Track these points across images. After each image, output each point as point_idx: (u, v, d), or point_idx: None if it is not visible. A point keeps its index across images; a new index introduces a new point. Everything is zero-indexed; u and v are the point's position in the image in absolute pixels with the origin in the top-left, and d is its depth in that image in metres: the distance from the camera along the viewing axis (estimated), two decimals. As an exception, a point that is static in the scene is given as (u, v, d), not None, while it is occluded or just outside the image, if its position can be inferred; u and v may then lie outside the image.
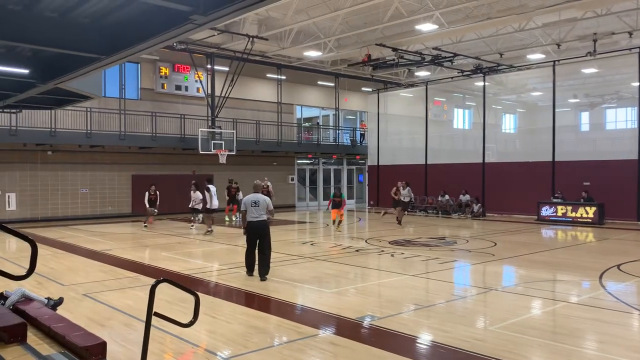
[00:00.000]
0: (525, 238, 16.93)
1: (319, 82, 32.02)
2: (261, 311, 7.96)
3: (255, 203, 10.21)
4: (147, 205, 19.50)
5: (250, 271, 10.32)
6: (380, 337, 6.62)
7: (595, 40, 21.85)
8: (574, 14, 20.23)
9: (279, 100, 30.13)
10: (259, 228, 10.22)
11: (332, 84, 32.69)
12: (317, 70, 29.99)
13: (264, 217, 10.29)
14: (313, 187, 32.72)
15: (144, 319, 4.22)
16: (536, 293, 9.14)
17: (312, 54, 25.15)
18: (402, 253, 13.33)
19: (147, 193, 19.61)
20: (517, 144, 29.29)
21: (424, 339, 6.64)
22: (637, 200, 20.99)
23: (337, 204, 18.57)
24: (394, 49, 23.11)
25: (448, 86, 29.51)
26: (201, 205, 18.36)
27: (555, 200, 22.15)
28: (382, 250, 13.78)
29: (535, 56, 25.10)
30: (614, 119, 30.54)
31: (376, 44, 22.84)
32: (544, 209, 22.10)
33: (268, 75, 29.48)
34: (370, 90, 32.18)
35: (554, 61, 23.82)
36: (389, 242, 15.29)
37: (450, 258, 12.54)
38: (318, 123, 33.54)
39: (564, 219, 21.22)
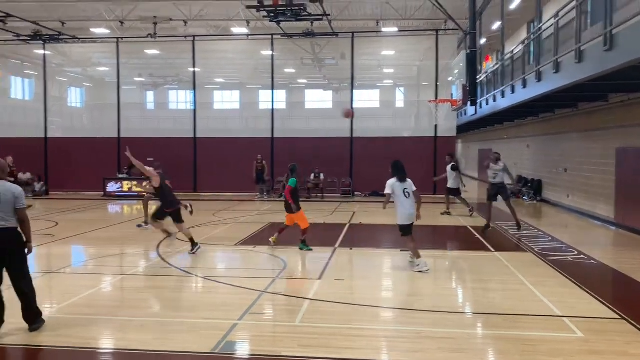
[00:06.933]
0: (90, 215, 16.69)
1: None
2: None
3: None
4: None
5: None
6: None
7: (155, 24, 22.99)
8: (136, -7, 20.80)
9: None
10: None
11: None
12: None
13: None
14: None
15: None
16: (98, 270, 9.12)
17: None
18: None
19: None
20: (84, 119, 28.46)
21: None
22: (194, 174, 23.61)
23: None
24: None
25: (3, 50, 26.02)
26: None
27: (121, 176, 22.59)
28: None
29: (100, 30, 24.65)
30: (175, 100, 33.35)
31: None
32: (110, 185, 22.29)
33: None
34: None
35: (118, 38, 24.06)
36: None
37: None
38: None
39: (130, 193, 21.88)
